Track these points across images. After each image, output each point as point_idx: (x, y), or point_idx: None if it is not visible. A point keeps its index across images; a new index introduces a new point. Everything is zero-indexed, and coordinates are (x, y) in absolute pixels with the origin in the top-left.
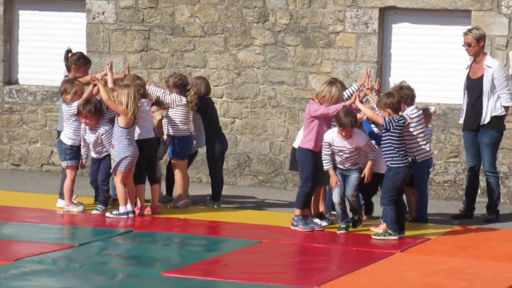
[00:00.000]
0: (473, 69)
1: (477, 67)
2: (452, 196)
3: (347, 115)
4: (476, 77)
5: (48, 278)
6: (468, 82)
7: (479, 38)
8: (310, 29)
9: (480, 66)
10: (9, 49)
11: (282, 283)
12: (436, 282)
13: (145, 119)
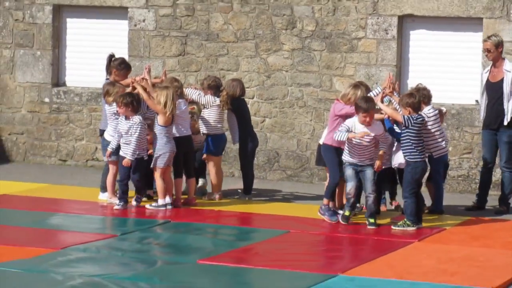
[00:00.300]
0: (493, 73)
1: (496, 71)
2: (465, 190)
3: (368, 101)
4: (496, 80)
5: (92, 265)
6: (488, 84)
7: (498, 44)
8: (334, 35)
9: (500, 70)
10: (58, 53)
11: (309, 270)
12: (450, 269)
13: (182, 118)
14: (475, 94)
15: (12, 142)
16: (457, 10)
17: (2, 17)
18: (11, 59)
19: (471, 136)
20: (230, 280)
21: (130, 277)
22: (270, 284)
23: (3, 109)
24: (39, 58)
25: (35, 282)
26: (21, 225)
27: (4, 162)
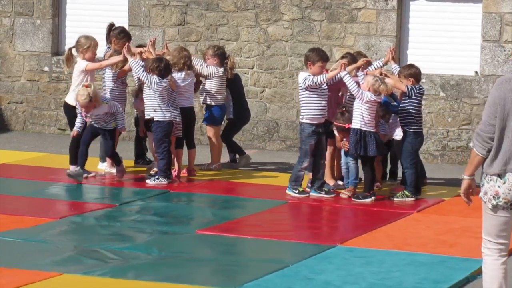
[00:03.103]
0: None
1: None
2: (464, 161)
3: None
4: None
5: (91, 235)
6: None
7: None
8: (334, 5)
9: None
10: (57, 22)
11: (307, 241)
12: (449, 239)
13: (187, 90)
14: (474, 65)
15: (12, 111)
16: None
17: None
18: (10, 27)
19: (470, 107)
20: (229, 250)
21: (129, 247)
22: (267, 254)
23: (2, 78)
24: (39, 27)
25: (33, 252)
26: (20, 195)
27: (3, 131)
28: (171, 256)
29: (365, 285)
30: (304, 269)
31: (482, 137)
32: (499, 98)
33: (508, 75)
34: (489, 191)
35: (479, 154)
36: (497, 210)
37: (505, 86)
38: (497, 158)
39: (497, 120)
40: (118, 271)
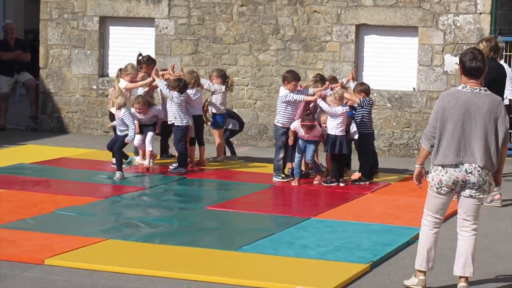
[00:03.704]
0: None
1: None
2: (406, 155)
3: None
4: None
5: (128, 210)
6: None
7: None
8: (308, 39)
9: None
10: (102, 52)
11: (289, 214)
12: (395, 213)
13: (197, 102)
14: (412, 83)
15: (69, 118)
16: (399, 21)
17: (62, 26)
18: (68, 56)
19: (409, 115)
20: (230, 221)
21: (156, 219)
22: (258, 225)
23: (62, 94)
24: (89, 56)
25: (84, 223)
26: (75, 180)
27: (63, 133)
28: (187, 226)
29: (332, 247)
30: (287, 235)
31: (427, 136)
32: (440, 107)
33: (448, 91)
34: (435, 178)
35: (425, 148)
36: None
37: (445, 99)
38: (439, 153)
39: (438, 124)
40: (148, 237)
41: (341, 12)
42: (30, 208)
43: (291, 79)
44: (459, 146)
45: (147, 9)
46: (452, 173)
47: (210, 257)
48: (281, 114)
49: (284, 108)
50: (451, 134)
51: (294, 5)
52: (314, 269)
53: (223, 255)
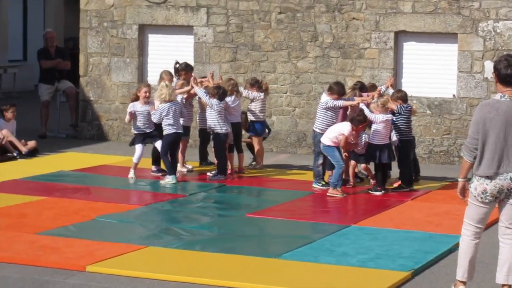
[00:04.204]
0: None
1: None
2: (446, 162)
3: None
4: None
5: (167, 217)
6: None
7: None
8: (347, 46)
9: None
10: (142, 60)
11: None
12: (436, 221)
13: (235, 110)
14: (452, 90)
15: (109, 126)
16: (438, 27)
17: (102, 34)
18: (108, 64)
19: (449, 121)
20: (270, 228)
21: (196, 227)
22: (298, 232)
23: (102, 102)
24: (128, 64)
25: (126, 230)
26: (115, 187)
27: (103, 140)
28: (226, 233)
29: (373, 255)
30: (327, 243)
31: (469, 148)
32: (480, 118)
33: (487, 100)
34: (478, 187)
35: (468, 160)
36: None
37: (484, 109)
38: (482, 164)
39: (479, 136)
40: (188, 245)
41: (379, 19)
42: (71, 215)
43: (336, 92)
44: (502, 156)
45: (185, 17)
46: (497, 182)
47: (251, 264)
48: (321, 121)
49: (323, 114)
50: (493, 145)
51: (333, 12)
52: (355, 277)
53: (263, 263)
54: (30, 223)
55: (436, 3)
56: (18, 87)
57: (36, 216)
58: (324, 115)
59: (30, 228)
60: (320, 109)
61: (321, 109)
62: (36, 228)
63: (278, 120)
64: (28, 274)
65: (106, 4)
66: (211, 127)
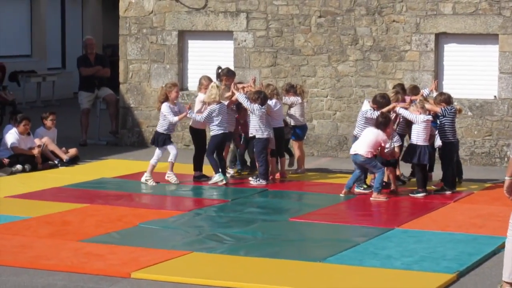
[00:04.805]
0: None
1: None
2: (487, 163)
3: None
4: None
5: (211, 223)
6: None
7: None
8: (387, 48)
9: None
10: (181, 66)
11: (372, 225)
12: (478, 222)
13: (278, 114)
14: (493, 91)
15: (149, 133)
16: (479, 28)
17: (141, 41)
18: (148, 71)
19: (491, 123)
20: (314, 233)
21: (240, 232)
22: (342, 235)
23: (142, 108)
24: (168, 70)
25: (170, 236)
26: (157, 194)
27: (144, 147)
28: (270, 238)
29: (417, 257)
30: (371, 246)
31: None
32: None
33: None
34: None
35: None
36: None
37: None
38: None
39: None
40: (232, 250)
41: (420, 21)
42: (114, 222)
43: (380, 106)
44: None
45: (225, 22)
46: None
47: (296, 268)
48: (361, 127)
49: (364, 121)
50: None
51: (373, 15)
52: (400, 280)
53: (308, 267)
54: (73, 231)
55: (477, 4)
56: (57, 95)
57: (79, 223)
58: (365, 123)
59: (73, 235)
60: (361, 116)
61: (361, 116)
62: (80, 236)
63: (319, 124)
64: (73, 281)
65: (146, 11)
66: (253, 132)
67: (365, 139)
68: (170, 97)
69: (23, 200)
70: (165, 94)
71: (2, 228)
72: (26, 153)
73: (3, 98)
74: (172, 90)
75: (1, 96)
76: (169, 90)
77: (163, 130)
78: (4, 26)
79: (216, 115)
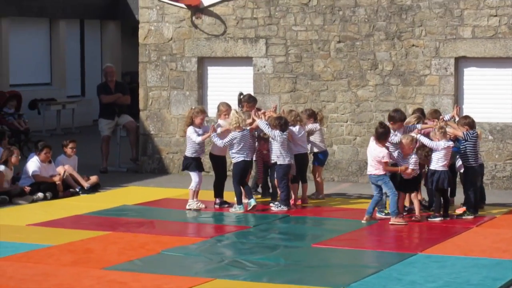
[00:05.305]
0: None
1: None
2: (509, 187)
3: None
4: None
5: (233, 249)
6: None
7: None
8: (407, 73)
9: None
10: (201, 93)
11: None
12: (502, 247)
13: (301, 140)
14: None
15: (170, 159)
16: (499, 52)
17: (161, 68)
18: (167, 98)
19: (511, 146)
20: (337, 258)
21: (262, 258)
22: (365, 261)
23: (162, 135)
24: (188, 97)
25: (193, 263)
26: (178, 221)
27: (164, 174)
28: (293, 264)
29: (442, 283)
30: (394, 272)
31: None
32: None
33: None
34: None
35: None
36: None
37: None
38: None
39: None
40: (255, 276)
41: (439, 45)
42: (136, 250)
43: (398, 120)
44: None
45: (244, 48)
46: None
47: None
48: None
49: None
50: None
51: (392, 40)
52: None
53: None
54: (96, 258)
55: (496, 28)
56: (77, 122)
57: (102, 251)
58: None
59: (96, 263)
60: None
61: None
62: (103, 263)
63: (339, 149)
64: None
65: (165, 38)
66: (274, 158)
67: (369, 156)
68: (195, 122)
69: (45, 228)
70: (191, 118)
71: (24, 256)
72: (47, 181)
73: (15, 127)
74: (198, 116)
75: (14, 124)
76: (196, 115)
77: (189, 154)
78: (24, 54)
79: (237, 142)
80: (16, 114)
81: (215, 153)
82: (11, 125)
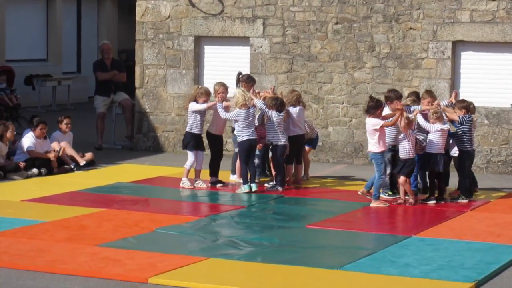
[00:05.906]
0: None
1: None
2: (504, 171)
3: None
4: None
5: (228, 229)
6: None
7: None
8: (404, 56)
9: None
10: (197, 72)
11: (390, 233)
12: (496, 231)
13: (299, 121)
14: (509, 100)
15: (165, 138)
16: (496, 37)
17: (158, 46)
18: (164, 76)
19: (507, 131)
20: (331, 240)
21: (257, 238)
22: (359, 243)
23: (158, 113)
24: (184, 75)
25: (187, 242)
26: (173, 199)
27: (159, 152)
28: (287, 244)
29: (436, 265)
30: (388, 254)
31: None
32: None
33: None
34: None
35: None
36: None
37: None
38: None
39: None
40: (250, 256)
41: (437, 29)
42: (131, 227)
43: (394, 98)
44: None
45: (241, 28)
46: None
47: (313, 275)
48: None
49: None
50: None
51: (390, 22)
52: None
53: (325, 274)
54: (90, 235)
55: (494, 12)
56: (72, 99)
57: (96, 228)
58: None
59: (90, 240)
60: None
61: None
62: (97, 240)
63: (334, 131)
64: (90, 286)
65: (162, 16)
66: (270, 139)
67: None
68: (198, 101)
69: (39, 204)
70: (194, 97)
71: (18, 231)
72: (42, 157)
73: (5, 102)
74: (201, 97)
75: (4, 99)
76: (200, 95)
77: (189, 129)
78: (20, 30)
79: (242, 120)
80: (8, 89)
81: (212, 132)
82: (1, 100)
